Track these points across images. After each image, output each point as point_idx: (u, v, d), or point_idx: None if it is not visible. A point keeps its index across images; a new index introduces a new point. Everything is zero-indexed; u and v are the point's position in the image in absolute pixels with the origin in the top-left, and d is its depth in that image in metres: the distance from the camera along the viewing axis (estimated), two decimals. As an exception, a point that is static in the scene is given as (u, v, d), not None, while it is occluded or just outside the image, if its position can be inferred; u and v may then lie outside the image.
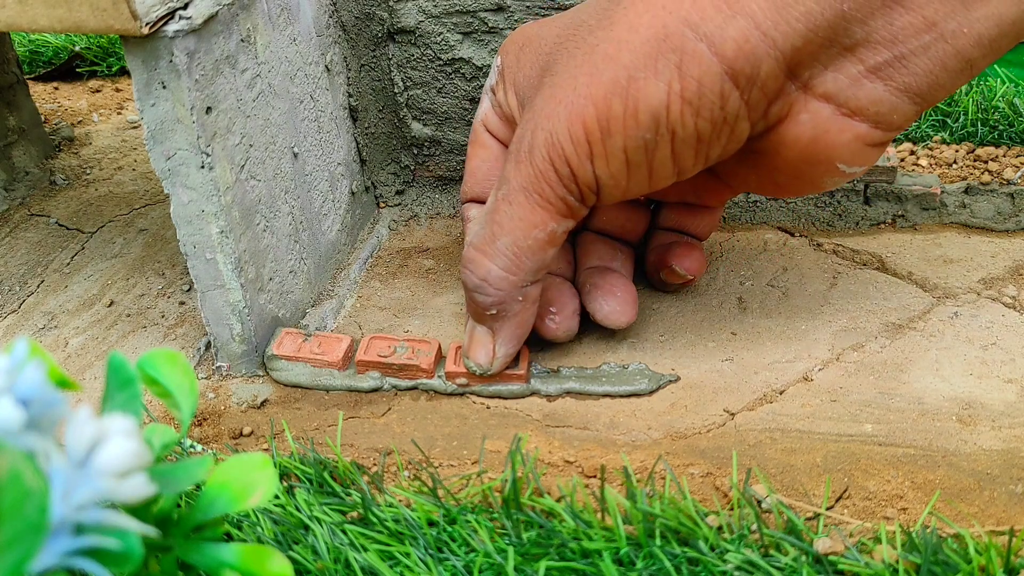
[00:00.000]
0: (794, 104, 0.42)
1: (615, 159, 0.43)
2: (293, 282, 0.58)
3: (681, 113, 0.41)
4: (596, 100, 0.42)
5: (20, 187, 0.78)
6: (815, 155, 0.43)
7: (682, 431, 0.49)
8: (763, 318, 0.57)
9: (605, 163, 0.43)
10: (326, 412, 0.52)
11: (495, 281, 0.48)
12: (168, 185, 0.48)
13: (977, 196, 0.64)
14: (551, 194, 0.45)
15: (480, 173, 0.55)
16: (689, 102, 0.41)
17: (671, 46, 0.40)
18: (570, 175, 0.44)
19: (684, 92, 0.41)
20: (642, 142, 0.42)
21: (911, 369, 0.52)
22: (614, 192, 0.45)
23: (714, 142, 0.43)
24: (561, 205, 0.46)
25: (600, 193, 0.45)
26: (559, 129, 0.43)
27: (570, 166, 0.44)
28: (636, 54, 0.41)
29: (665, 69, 0.40)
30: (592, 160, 0.43)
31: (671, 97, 0.41)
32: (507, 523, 0.41)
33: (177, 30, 0.44)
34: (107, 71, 1.01)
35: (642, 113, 0.41)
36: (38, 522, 0.23)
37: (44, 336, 0.60)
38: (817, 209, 0.65)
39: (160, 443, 0.33)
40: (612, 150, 0.43)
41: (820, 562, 0.38)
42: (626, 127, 0.42)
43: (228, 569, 0.31)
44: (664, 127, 0.42)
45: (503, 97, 0.51)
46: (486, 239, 0.47)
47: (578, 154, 0.43)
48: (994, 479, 0.44)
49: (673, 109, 0.41)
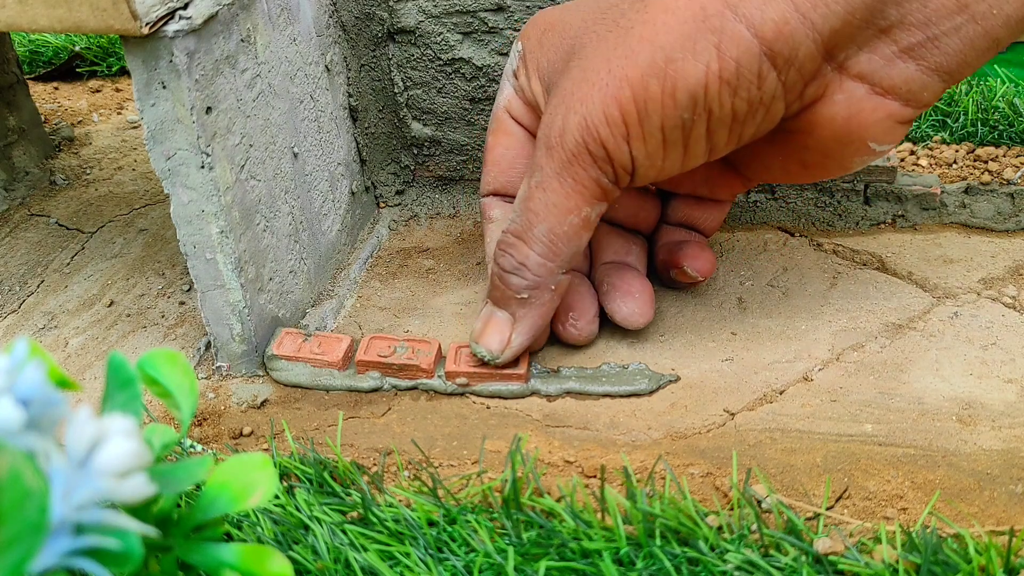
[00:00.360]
0: (829, 84, 0.43)
1: (652, 139, 0.43)
2: (293, 282, 0.58)
3: (719, 93, 0.42)
4: (633, 81, 0.42)
5: (20, 187, 0.78)
6: (848, 134, 0.44)
7: (682, 431, 0.49)
8: (763, 318, 0.57)
9: (642, 143, 0.44)
10: (326, 412, 0.52)
11: (534, 267, 0.48)
12: (168, 185, 0.48)
13: (977, 196, 0.64)
14: (585, 177, 0.45)
15: (504, 162, 0.54)
16: (727, 82, 0.41)
17: (710, 27, 0.41)
18: (605, 157, 0.44)
19: (722, 72, 0.41)
20: (679, 122, 0.43)
21: (911, 369, 0.52)
22: (648, 172, 0.45)
23: (749, 122, 0.43)
24: (595, 188, 0.46)
25: (635, 174, 0.45)
26: (594, 111, 0.43)
27: (605, 148, 0.44)
28: (674, 34, 0.41)
29: (704, 50, 0.41)
30: (628, 140, 0.44)
31: (709, 77, 0.41)
32: (507, 523, 0.41)
33: (177, 30, 0.44)
34: (107, 71, 1.01)
35: (680, 93, 0.42)
36: (38, 522, 0.23)
37: (44, 336, 0.60)
38: (817, 209, 0.65)
39: (160, 443, 0.33)
40: (649, 130, 0.43)
41: (820, 562, 0.38)
42: (664, 107, 0.42)
43: (228, 569, 0.31)
44: (701, 107, 0.42)
45: (525, 82, 0.51)
46: (523, 226, 0.48)
47: (614, 135, 0.43)
48: (994, 479, 0.44)
49: (711, 89, 0.41)
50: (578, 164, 0.45)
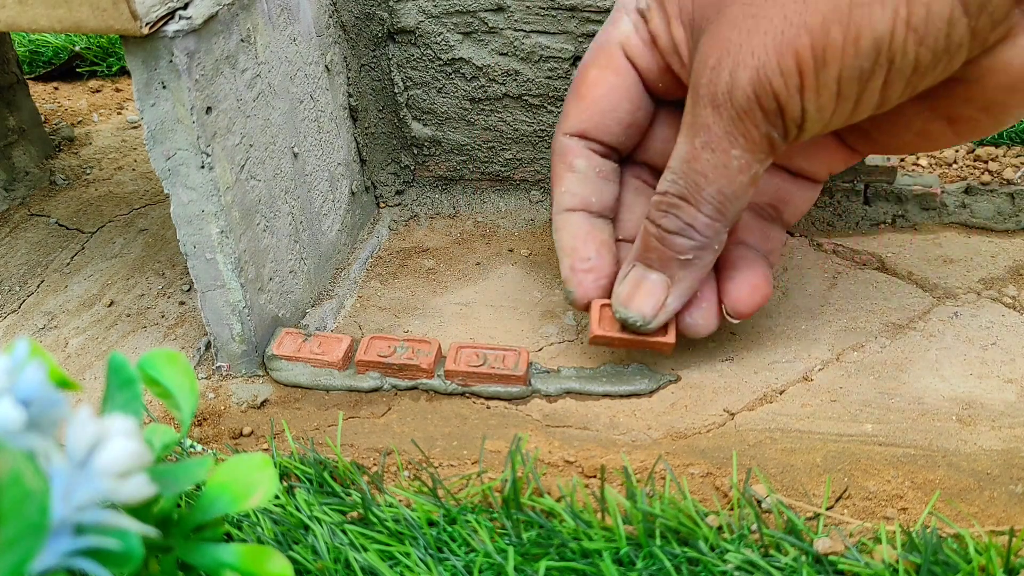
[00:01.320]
0: (1013, 28, 0.40)
1: (826, 90, 0.41)
2: (293, 282, 0.58)
3: (904, 40, 0.39)
4: (812, 28, 0.40)
5: (20, 187, 0.78)
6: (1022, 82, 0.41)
7: (682, 431, 0.49)
8: (763, 318, 0.57)
9: (815, 95, 0.42)
10: (326, 412, 0.52)
11: (702, 227, 0.46)
12: (168, 185, 0.48)
13: (977, 196, 0.64)
14: (756, 134, 0.43)
15: (607, 103, 0.51)
16: (915, 29, 0.39)
17: None
18: (776, 110, 0.42)
19: (911, 18, 0.39)
20: (857, 72, 0.41)
21: (911, 369, 0.52)
22: (816, 126, 0.43)
23: (929, 72, 0.41)
24: (765, 143, 0.44)
25: (803, 127, 0.43)
26: (767, 62, 0.41)
27: (778, 100, 0.42)
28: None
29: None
30: (802, 92, 0.42)
31: (896, 23, 0.39)
32: (507, 523, 0.41)
33: (177, 30, 0.44)
34: (107, 71, 1.01)
35: (864, 40, 0.39)
36: (39, 522, 0.23)
37: (44, 336, 0.60)
38: (817, 209, 0.65)
39: (160, 443, 0.33)
40: (825, 81, 0.41)
41: (820, 562, 0.38)
42: (844, 56, 0.40)
43: (228, 569, 0.31)
44: (884, 56, 0.40)
45: (660, 25, 0.48)
46: (689, 188, 0.45)
47: (787, 87, 0.41)
48: (994, 479, 0.44)
49: (897, 36, 0.39)
50: (750, 121, 0.43)
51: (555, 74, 0.63)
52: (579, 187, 0.52)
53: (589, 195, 0.52)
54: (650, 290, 0.48)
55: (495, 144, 0.68)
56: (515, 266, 0.65)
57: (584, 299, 0.52)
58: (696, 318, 0.51)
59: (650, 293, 0.48)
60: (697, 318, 0.51)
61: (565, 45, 0.62)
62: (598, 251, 0.51)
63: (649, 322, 0.49)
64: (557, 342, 0.57)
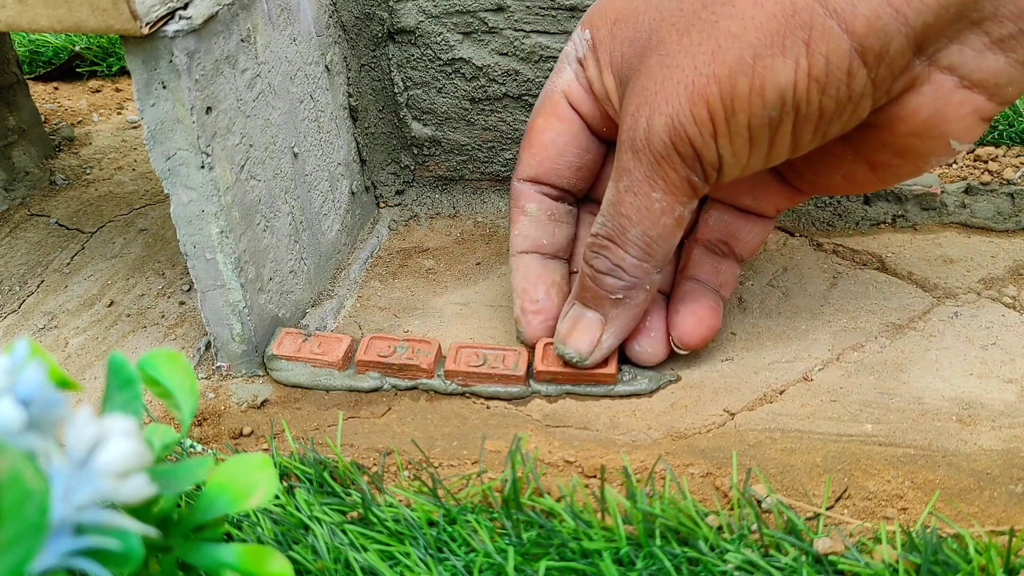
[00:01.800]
0: (917, 77, 0.42)
1: (738, 137, 0.43)
2: (293, 282, 0.58)
3: (808, 90, 0.41)
4: (720, 79, 0.41)
5: (20, 187, 0.78)
6: (931, 129, 0.43)
7: (682, 431, 0.49)
8: (763, 318, 0.57)
9: (728, 140, 0.43)
10: (326, 412, 0.52)
11: (630, 268, 0.48)
12: (168, 185, 0.48)
13: (977, 196, 0.64)
14: (675, 178, 0.45)
15: (553, 149, 0.53)
16: (816, 79, 0.41)
17: (799, 22, 0.40)
18: (694, 155, 0.44)
19: (812, 70, 0.40)
20: (766, 120, 0.42)
21: (911, 369, 0.52)
22: (734, 169, 0.45)
23: (835, 119, 0.43)
24: (686, 187, 0.45)
25: (721, 171, 0.45)
26: (680, 110, 0.43)
27: (693, 146, 0.43)
28: (763, 31, 0.40)
29: (793, 46, 0.40)
30: (716, 139, 0.43)
31: (799, 75, 0.41)
32: (507, 523, 0.41)
33: (177, 30, 0.44)
34: (107, 71, 1.01)
35: (769, 91, 0.41)
36: (39, 522, 0.23)
37: (44, 336, 0.60)
38: (817, 209, 0.65)
39: (160, 443, 0.33)
40: (736, 128, 0.43)
41: (820, 562, 0.38)
42: (751, 105, 0.42)
43: (228, 569, 0.31)
44: (789, 105, 0.42)
45: (595, 74, 0.50)
46: (615, 230, 0.47)
47: (701, 134, 0.43)
48: (994, 479, 0.44)
49: (800, 87, 0.41)
50: (668, 165, 0.44)
51: (555, 74, 0.63)
52: (531, 230, 0.54)
53: (541, 237, 0.54)
54: (586, 328, 0.50)
55: (495, 144, 0.68)
56: (515, 266, 0.65)
57: (533, 339, 0.54)
58: (645, 346, 0.52)
59: (586, 331, 0.50)
60: (646, 346, 0.52)
61: (565, 45, 0.62)
62: (547, 292, 0.54)
63: (585, 358, 0.51)
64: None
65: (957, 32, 0.40)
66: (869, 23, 0.39)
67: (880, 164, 0.47)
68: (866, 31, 0.39)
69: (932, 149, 0.44)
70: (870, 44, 0.39)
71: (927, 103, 0.42)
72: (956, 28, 0.40)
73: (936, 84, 0.42)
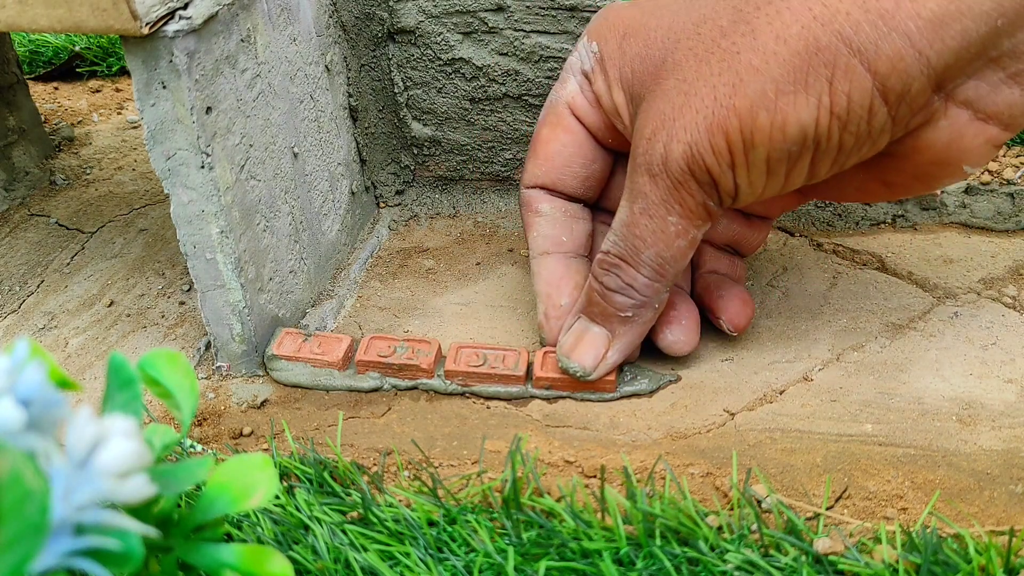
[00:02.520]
0: (935, 112, 0.42)
1: (756, 169, 0.43)
2: (293, 282, 0.58)
3: (829, 127, 0.41)
4: (741, 112, 0.42)
5: (20, 187, 0.78)
6: (946, 158, 0.44)
7: (682, 431, 0.49)
8: (763, 318, 0.57)
9: (746, 172, 0.43)
10: (326, 412, 0.52)
11: (641, 288, 0.48)
12: (168, 185, 0.48)
13: (977, 196, 0.64)
14: (692, 203, 0.45)
15: (560, 159, 0.53)
16: (838, 117, 0.41)
17: (823, 60, 0.40)
18: (710, 182, 0.44)
19: (834, 107, 0.41)
20: (786, 154, 0.42)
21: (911, 369, 0.52)
22: (750, 196, 0.45)
23: (854, 153, 0.43)
24: (701, 211, 0.46)
25: (737, 198, 0.45)
26: (699, 139, 0.43)
27: (711, 174, 0.44)
28: (786, 67, 0.41)
29: (816, 83, 0.40)
30: (734, 169, 0.43)
31: (820, 112, 0.41)
32: (507, 523, 0.41)
33: (177, 30, 0.44)
34: (107, 71, 1.01)
35: (790, 127, 0.41)
36: (39, 522, 0.23)
37: (44, 336, 0.60)
38: (817, 209, 0.65)
39: (161, 443, 0.33)
40: (754, 160, 0.43)
41: (820, 562, 0.38)
42: (772, 140, 0.42)
43: (228, 569, 0.31)
44: (810, 140, 0.42)
45: (603, 88, 0.50)
46: (629, 251, 0.47)
47: (719, 164, 0.43)
48: (994, 479, 0.44)
49: (821, 124, 0.41)
50: (685, 190, 0.45)
51: (555, 74, 0.63)
52: (549, 229, 0.54)
53: (559, 235, 0.54)
54: (592, 343, 0.50)
55: (495, 144, 0.68)
56: (515, 266, 0.65)
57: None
58: (678, 335, 0.53)
59: (591, 346, 0.50)
60: (679, 335, 0.53)
61: (565, 45, 0.62)
62: (571, 296, 0.53)
63: (589, 374, 0.51)
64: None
65: (975, 69, 0.41)
66: (892, 64, 0.39)
67: (896, 184, 0.47)
68: (888, 71, 0.39)
69: (947, 174, 0.45)
70: (892, 84, 0.40)
71: (943, 136, 0.43)
72: (975, 65, 0.40)
73: (952, 118, 0.42)
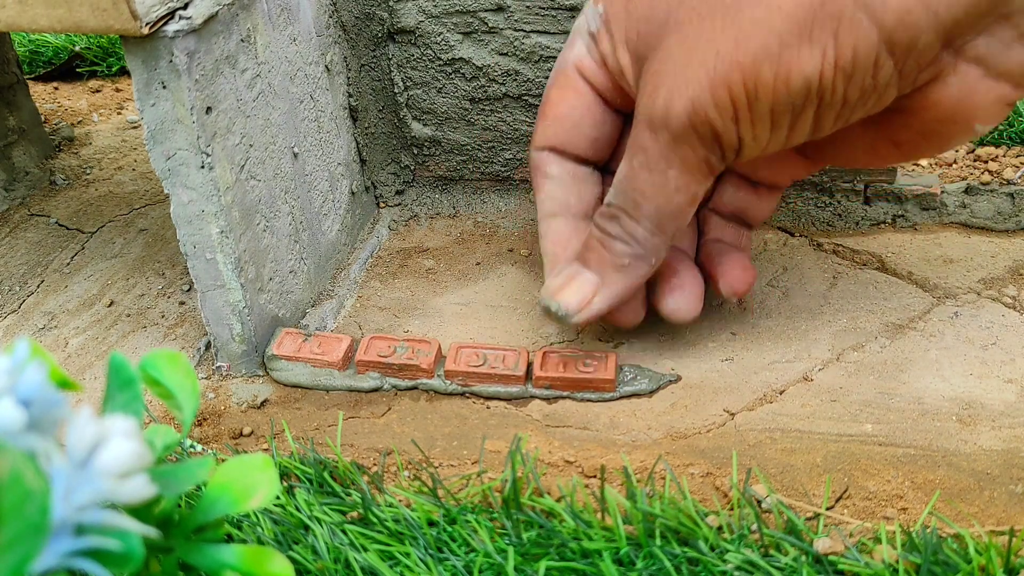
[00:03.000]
0: (944, 68, 0.42)
1: (760, 122, 0.43)
2: (293, 282, 0.58)
3: (833, 80, 0.41)
4: (744, 66, 0.41)
5: (20, 187, 0.78)
6: (956, 115, 0.43)
7: (682, 431, 0.49)
8: (763, 318, 0.57)
9: (749, 125, 0.43)
10: (326, 412, 0.52)
11: (641, 239, 0.48)
12: (168, 185, 0.48)
13: (977, 196, 0.64)
14: (693, 157, 0.45)
15: (569, 121, 0.52)
16: (842, 69, 0.41)
17: (828, 12, 0.40)
18: (713, 137, 0.44)
19: (839, 60, 0.40)
20: (789, 106, 0.42)
21: (911, 369, 0.52)
22: (753, 150, 0.45)
23: (859, 107, 0.43)
24: (703, 166, 0.45)
25: (740, 152, 0.45)
26: (701, 94, 0.43)
27: (713, 128, 0.44)
28: (790, 20, 0.40)
29: (820, 36, 0.40)
30: (737, 123, 0.43)
31: (825, 65, 0.41)
32: (507, 523, 0.41)
33: (177, 30, 0.44)
34: (107, 71, 1.01)
35: (794, 80, 0.41)
36: (39, 523, 0.23)
37: (44, 336, 0.60)
38: (817, 209, 0.65)
39: (161, 444, 0.33)
40: (758, 114, 0.43)
41: (820, 562, 0.38)
42: (775, 93, 0.42)
43: (229, 570, 0.31)
44: (814, 93, 0.42)
45: (608, 49, 0.49)
46: (629, 205, 0.47)
47: (722, 118, 0.43)
48: (994, 479, 0.44)
49: (825, 76, 0.41)
50: (686, 144, 0.44)
51: (555, 74, 0.63)
52: (557, 191, 0.54)
53: (567, 197, 0.54)
54: (580, 286, 0.50)
55: (495, 144, 0.68)
56: (515, 266, 0.65)
57: None
58: (679, 302, 0.52)
59: (579, 289, 0.49)
60: (680, 302, 0.52)
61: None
62: None
63: (572, 315, 0.49)
64: (557, 342, 0.57)
65: (986, 26, 0.40)
66: (899, 17, 0.39)
67: (905, 142, 0.47)
68: (896, 24, 0.39)
69: (957, 132, 0.45)
70: (899, 38, 0.39)
71: (953, 92, 0.42)
72: (986, 22, 0.40)
73: (962, 74, 0.42)
